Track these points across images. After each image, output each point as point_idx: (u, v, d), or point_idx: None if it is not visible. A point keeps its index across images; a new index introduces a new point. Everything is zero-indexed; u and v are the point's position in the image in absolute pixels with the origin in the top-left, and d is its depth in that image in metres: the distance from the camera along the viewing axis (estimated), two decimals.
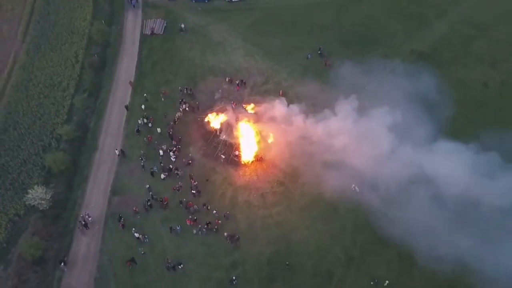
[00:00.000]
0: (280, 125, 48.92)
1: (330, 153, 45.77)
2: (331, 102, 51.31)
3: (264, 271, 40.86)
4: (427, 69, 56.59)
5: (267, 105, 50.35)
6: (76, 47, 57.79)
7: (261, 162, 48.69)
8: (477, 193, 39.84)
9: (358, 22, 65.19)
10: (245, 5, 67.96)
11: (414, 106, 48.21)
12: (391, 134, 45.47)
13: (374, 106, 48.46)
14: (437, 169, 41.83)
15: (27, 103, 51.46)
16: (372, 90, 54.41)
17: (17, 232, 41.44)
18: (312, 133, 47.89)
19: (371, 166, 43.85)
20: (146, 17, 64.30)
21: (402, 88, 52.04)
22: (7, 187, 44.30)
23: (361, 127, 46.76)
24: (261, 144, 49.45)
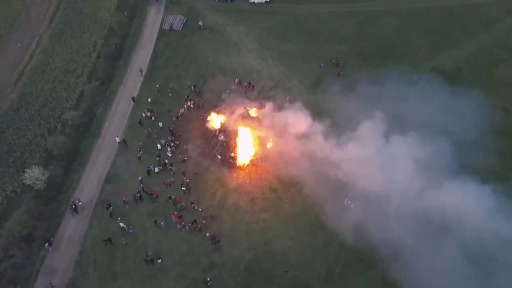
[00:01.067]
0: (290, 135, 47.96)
1: (334, 170, 44.47)
2: (338, 115, 50.06)
3: (241, 276, 40.42)
4: (446, 88, 54.70)
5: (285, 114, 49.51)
6: (96, 36, 59.64)
7: (257, 167, 48.28)
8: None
9: (381, 34, 63.65)
10: (268, 8, 67.84)
11: (428, 129, 45.75)
12: (403, 163, 42.60)
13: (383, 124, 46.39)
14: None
15: (42, 86, 53.59)
16: (381, 107, 52.50)
17: (11, 209, 43.16)
18: (320, 150, 46.57)
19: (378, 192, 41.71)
20: (168, 12, 65.54)
21: (416, 108, 50.15)
22: (10, 164, 46.27)
23: (367, 151, 44.33)
24: (258, 148, 49.01)
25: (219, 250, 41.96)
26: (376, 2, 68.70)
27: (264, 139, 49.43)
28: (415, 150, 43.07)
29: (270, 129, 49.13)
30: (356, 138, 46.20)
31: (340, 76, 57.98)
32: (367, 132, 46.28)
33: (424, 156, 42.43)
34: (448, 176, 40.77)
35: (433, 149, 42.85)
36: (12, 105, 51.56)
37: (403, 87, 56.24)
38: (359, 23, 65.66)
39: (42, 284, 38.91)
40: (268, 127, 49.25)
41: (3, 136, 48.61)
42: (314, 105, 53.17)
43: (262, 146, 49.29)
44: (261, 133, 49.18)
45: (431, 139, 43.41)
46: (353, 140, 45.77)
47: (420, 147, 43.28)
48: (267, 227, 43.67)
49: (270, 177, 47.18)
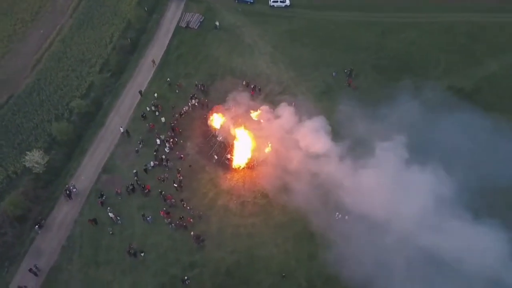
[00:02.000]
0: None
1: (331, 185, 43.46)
2: (341, 127, 49.06)
3: (220, 278, 40.24)
4: (462, 108, 52.51)
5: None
6: (114, 29, 61.05)
7: (252, 170, 48.00)
8: None
9: (399, 47, 61.95)
10: (287, 12, 67.36)
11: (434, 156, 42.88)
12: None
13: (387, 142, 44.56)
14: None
15: (56, 73, 55.34)
16: (388, 124, 50.91)
17: (10, 189, 44.70)
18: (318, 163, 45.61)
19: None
20: (187, 10, 66.27)
21: (424, 131, 47.95)
22: (15, 146, 48.01)
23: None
24: (256, 152, 48.67)
25: (202, 250, 41.95)
26: (399, 13, 66.77)
27: (263, 143, 49.03)
28: (415, 179, 41.47)
29: (270, 133, 48.75)
30: (357, 156, 44.70)
31: (351, 87, 56.77)
32: (369, 152, 44.52)
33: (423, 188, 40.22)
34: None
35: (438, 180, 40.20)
36: (26, 89, 53.50)
37: (415, 105, 54.73)
38: (379, 34, 64.09)
39: (28, 264, 40.02)
40: (268, 132, 48.89)
41: (13, 118, 50.47)
42: (319, 113, 52.45)
43: (260, 150, 48.89)
44: (260, 137, 48.81)
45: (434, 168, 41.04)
46: (354, 159, 44.40)
47: (421, 175, 41.56)
48: (254, 232, 43.29)
49: (263, 182, 46.59)
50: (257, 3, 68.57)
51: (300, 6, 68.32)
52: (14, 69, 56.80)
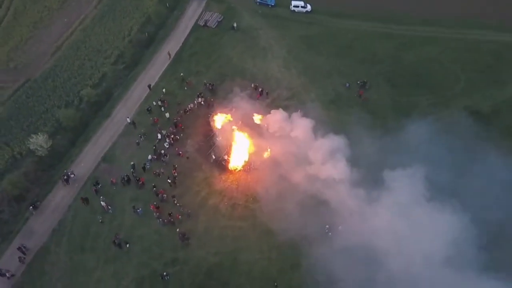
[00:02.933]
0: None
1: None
2: (345, 139, 47.93)
3: (200, 278, 40.34)
4: (476, 132, 50.40)
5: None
6: (133, 23, 62.37)
7: (247, 174, 47.80)
8: None
9: (419, 62, 60.07)
10: (307, 17, 66.65)
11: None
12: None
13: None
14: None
15: (72, 62, 57.13)
16: (393, 142, 49.32)
17: (13, 168, 46.44)
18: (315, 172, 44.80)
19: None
20: (207, 8, 66.72)
21: (437, 152, 45.54)
22: (24, 128, 49.87)
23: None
24: (254, 155, 48.43)
25: (186, 248, 42.20)
26: (423, 27, 64.70)
27: (262, 148, 48.75)
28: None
29: (270, 138, 48.43)
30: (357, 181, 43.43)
31: (361, 99, 55.53)
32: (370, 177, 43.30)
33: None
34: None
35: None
36: (42, 74, 55.52)
37: (426, 123, 52.81)
38: (399, 46, 62.33)
39: (18, 243, 41.50)
40: (269, 136, 48.60)
41: (26, 101, 52.48)
42: (324, 123, 51.69)
43: (258, 154, 48.62)
44: (259, 141, 48.56)
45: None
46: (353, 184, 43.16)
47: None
48: (240, 236, 43.17)
49: (257, 187, 46.32)
50: (278, 7, 68.19)
51: (321, 13, 67.38)
52: (35, 54, 59.06)
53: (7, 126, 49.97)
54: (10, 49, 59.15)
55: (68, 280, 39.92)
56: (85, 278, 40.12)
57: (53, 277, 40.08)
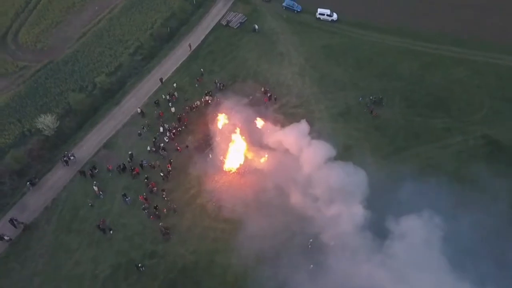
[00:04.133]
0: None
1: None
2: (345, 156, 46.65)
3: (173, 274, 40.41)
4: (490, 165, 47.69)
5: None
6: (158, 16, 63.78)
7: (241, 177, 47.47)
8: None
9: (441, 83, 57.39)
10: (331, 26, 65.37)
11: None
12: None
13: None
14: None
15: (94, 49, 59.21)
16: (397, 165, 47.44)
17: (20, 144, 48.70)
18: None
19: None
20: (233, 9, 67.03)
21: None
22: (37, 107, 52.18)
23: None
24: (250, 159, 48.05)
25: (166, 242, 42.45)
26: (453, 47, 61.65)
27: (259, 153, 48.29)
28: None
29: (269, 145, 47.89)
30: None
31: (372, 114, 53.68)
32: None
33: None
34: None
35: None
36: (64, 57, 57.91)
37: (436, 147, 50.59)
38: (423, 65, 59.74)
39: (10, 215, 43.43)
40: (267, 142, 48.07)
41: (44, 81, 54.90)
42: (328, 135, 50.55)
43: (255, 158, 48.19)
44: (258, 146, 48.15)
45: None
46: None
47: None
48: (221, 238, 42.87)
49: (248, 191, 45.90)
50: (305, 13, 67.33)
51: (347, 23, 65.85)
52: (62, 38, 61.69)
53: (22, 103, 52.49)
54: (40, 31, 62.12)
55: (49, 258, 41.24)
56: (65, 258, 41.27)
57: (37, 252, 41.59)
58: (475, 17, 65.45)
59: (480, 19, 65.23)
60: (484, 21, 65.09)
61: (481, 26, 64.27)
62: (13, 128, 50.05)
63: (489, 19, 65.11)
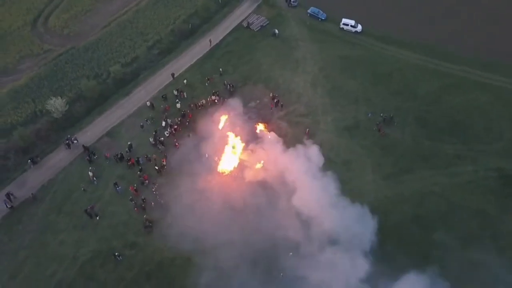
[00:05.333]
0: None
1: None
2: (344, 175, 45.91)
3: (149, 267, 40.69)
4: (499, 200, 45.24)
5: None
6: (181, 13, 64.87)
7: (235, 179, 47.14)
8: None
9: (461, 107, 54.66)
10: (354, 38, 63.76)
11: None
12: None
13: None
14: None
15: (115, 39, 61.04)
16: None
17: (30, 122, 50.95)
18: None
19: None
20: (256, 11, 66.89)
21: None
22: (53, 89, 54.28)
23: None
24: (245, 164, 47.63)
25: (148, 235, 42.86)
26: (479, 71, 58.37)
27: (256, 158, 47.77)
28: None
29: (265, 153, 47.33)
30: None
31: (380, 133, 51.78)
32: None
33: None
34: None
35: None
36: (86, 45, 60.06)
37: (441, 176, 48.15)
38: (443, 86, 57.00)
39: (9, 189, 45.40)
40: (264, 151, 47.54)
41: (63, 66, 57.19)
42: (329, 149, 49.45)
43: (251, 163, 47.70)
44: (254, 151, 47.69)
45: None
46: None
47: None
48: (202, 239, 42.46)
49: (237, 195, 45.51)
50: (329, 22, 66.08)
51: (372, 35, 63.96)
52: (88, 25, 64.01)
53: (40, 84, 54.88)
54: (69, 17, 64.79)
55: (36, 235, 42.74)
56: (51, 238, 42.61)
57: (26, 228, 43.22)
58: (509, 42, 61.60)
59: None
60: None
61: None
62: (26, 107, 52.40)
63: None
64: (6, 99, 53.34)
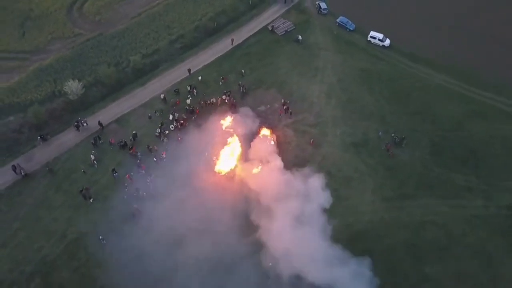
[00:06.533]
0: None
1: None
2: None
3: (126, 258, 40.77)
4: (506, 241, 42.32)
5: None
6: (209, 10, 65.42)
7: (229, 180, 46.93)
8: None
9: (482, 137, 51.72)
10: (380, 52, 61.73)
11: None
12: None
13: None
14: None
15: (142, 30, 62.62)
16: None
17: (47, 101, 53.27)
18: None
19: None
20: (284, 16, 66.24)
21: None
22: (74, 72, 56.37)
23: None
24: (243, 166, 47.30)
25: (135, 223, 43.44)
26: (506, 101, 54.73)
27: (254, 162, 47.31)
28: None
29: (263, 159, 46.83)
30: None
31: (388, 153, 49.71)
32: None
33: None
34: None
35: None
36: (113, 33, 62.03)
37: (445, 207, 45.49)
38: (467, 113, 53.98)
39: (16, 162, 47.61)
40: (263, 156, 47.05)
41: (88, 51, 59.30)
42: (331, 163, 48.19)
43: (249, 166, 47.27)
44: (252, 155, 47.29)
45: None
46: None
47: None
48: (185, 235, 42.67)
49: (229, 196, 45.22)
50: (357, 33, 64.33)
51: (399, 51, 61.63)
52: (119, 14, 66.04)
53: (63, 66, 57.24)
54: (103, 4, 67.11)
55: (33, 209, 44.41)
56: (45, 213, 44.20)
57: (24, 201, 45.04)
58: None
59: None
60: None
61: None
62: (47, 87, 54.80)
63: None
64: (31, 76, 56.05)
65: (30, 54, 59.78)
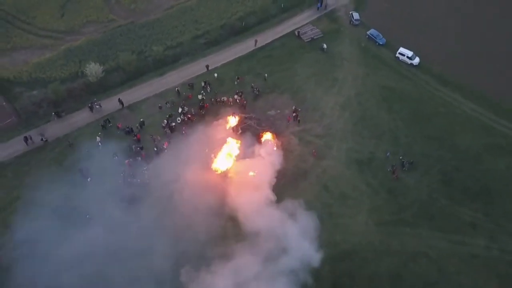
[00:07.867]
0: None
1: None
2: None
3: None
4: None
5: None
6: (240, 9, 65.53)
7: (224, 179, 46.79)
8: None
9: (500, 173, 48.80)
10: (407, 71, 59.21)
11: None
12: None
13: None
14: None
15: (171, 22, 63.82)
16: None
17: (68, 80, 55.70)
18: None
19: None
20: (314, 23, 65.00)
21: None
22: (99, 56, 58.14)
23: None
24: (240, 168, 47.02)
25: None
26: None
27: (252, 165, 46.91)
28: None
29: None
30: None
31: (393, 175, 47.48)
32: None
33: None
34: None
35: None
36: (144, 22, 63.67)
37: (443, 241, 42.90)
38: (489, 145, 50.71)
39: (32, 133, 49.89)
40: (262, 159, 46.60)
41: (117, 38, 61.18)
42: (329, 177, 46.83)
43: (246, 168, 46.92)
44: (250, 157, 46.96)
45: None
46: None
47: None
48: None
49: (220, 196, 45.03)
50: (386, 48, 61.94)
51: (427, 72, 58.68)
52: (154, 5, 67.48)
53: (91, 49, 59.61)
54: None
55: (33, 180, 45.49)
56: (45, 187, 44.43)
57: (29, 171, 47.23)
58: None
59: None
60: None
61: None
62: (72, 67, 57.30)
63: None
64: (60, 55, 58.80)
65: (65, 34, 62.69)
